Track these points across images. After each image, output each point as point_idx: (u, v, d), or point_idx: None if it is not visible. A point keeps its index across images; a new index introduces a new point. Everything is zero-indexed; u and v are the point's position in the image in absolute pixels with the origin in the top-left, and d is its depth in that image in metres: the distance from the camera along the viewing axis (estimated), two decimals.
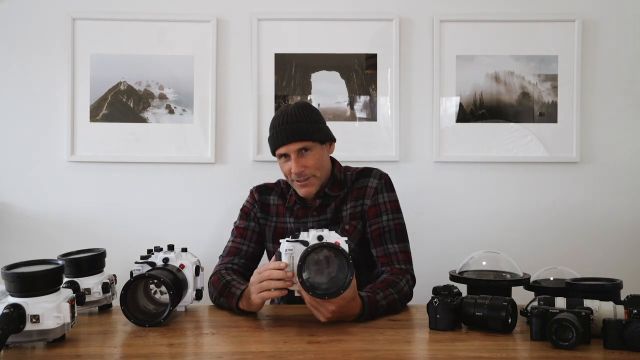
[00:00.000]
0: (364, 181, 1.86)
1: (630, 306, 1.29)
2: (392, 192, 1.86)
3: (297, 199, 1.87)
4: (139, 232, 2.48)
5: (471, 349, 1.30)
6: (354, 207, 1.84)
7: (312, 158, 1.78)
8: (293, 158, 1.76)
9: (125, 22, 2.50)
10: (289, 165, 1.78)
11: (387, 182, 1.86)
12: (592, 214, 2.52)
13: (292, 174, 1.78)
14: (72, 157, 2.49)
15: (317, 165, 1.79)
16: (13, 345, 1.30)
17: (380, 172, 1.88)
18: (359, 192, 1.85)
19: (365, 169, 1.89)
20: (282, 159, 1.81)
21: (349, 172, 1.90)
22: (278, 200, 1.91)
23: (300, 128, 1.76)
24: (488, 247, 1.91)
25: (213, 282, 1.75)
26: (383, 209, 1.82)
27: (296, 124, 1.76)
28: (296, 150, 1.76)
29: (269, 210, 1.91)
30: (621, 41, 2.52)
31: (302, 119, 1.77)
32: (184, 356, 1.29)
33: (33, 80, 2.50)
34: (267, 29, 2.51)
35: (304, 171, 1.76)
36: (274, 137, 1.79)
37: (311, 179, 1.78)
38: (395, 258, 1.77)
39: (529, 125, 2.52)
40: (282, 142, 1.77)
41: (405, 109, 2.53)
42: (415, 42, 2.53)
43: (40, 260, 1.38)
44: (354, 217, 1.83)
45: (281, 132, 1.77)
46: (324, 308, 1.47)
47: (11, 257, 1.45)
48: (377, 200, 1.83)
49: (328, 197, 1.85)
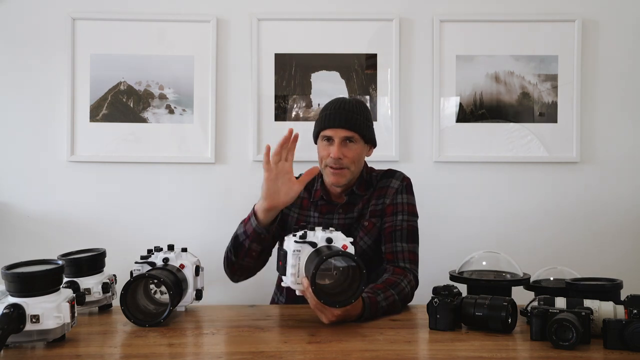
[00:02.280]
0: (386, 181, 1.90)
1: (630, 306, 1.29)
2: (411, 195, 1.90)
3: (323, 194, 1.88)
4: (139, 232, 2.48)
5: (471, 349, 1.30)
6: (375, 205, 1.87)
7: (354, 150, 1.81)
8: (337, 143, 1.79)
9: (125, 22, 2.50)
10: (329, 150, 1.81)
11: (408, 185, 1.91)
12: (592, 213, 2.52)
13: (329, 158, 1.80)
14: (72, 157, 2.49)
15: (355, 159, 1.82)
16: (13, 345, 1.30)
17: (404, 174, 1.93)
18: (381, 192, 1.88)
19: (390, 171, 1.94)
20: (324, 142, 1.83)
21: (374, 173, 1.94)
22: (303, 193, 1.90)
23: (354, 118, 1.81)
24: (488, 247, 1.91)
25: (227, 250, 1.78)
26: (400, 209, 1.85)
27: (352, 113, 1.81)
28: (342, 137, 1.79)
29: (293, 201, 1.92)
30: (621, 41, 2.52)
31: (358, 111, 1.83)
32: (184, 356, 1.29)
33: (33, 80, 2.50)
34: (267, 29, 2.52)
35: (342, 159, 1.79)
36: (326, 117, 1.82)
37: (345, 170, 1.81)
38: (402, 256, 1.79)
39: (529, 125, 2.52)
40: (332, 124, 1.80)
41: (405, 109, 2.53)
42: (415, 42, 2.53)
43: (40, 260, 1.38)
44: (374, 215, 1.86)
45: (335, 115, 1.80)
46: (329, 312, 1.47)
47: (11, 257, 1.45)
48: (395, 199, 1.86)
49: (355, 196, 1.88)
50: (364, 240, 1.85)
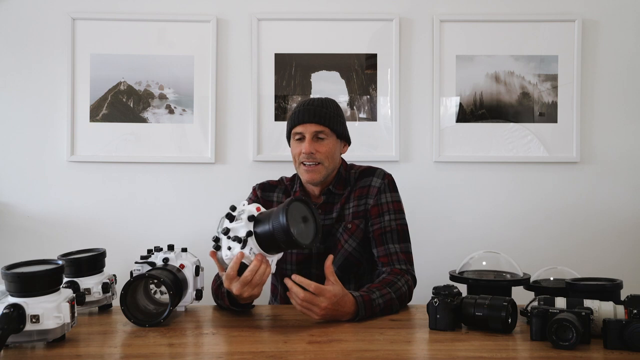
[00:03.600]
0: (367, 180, 1.85)
1: (630, 306, 1.30)
2: (395, 193, 1.85)
3: (302, 195, 1.85)
4: (139, 232, 2.48)
5: (471, 349, 1.30)
6: (357, 206, 1.83)
7: (325, 145, 1.78)
8: (307, 139, 1.77)
9: (125, 22, 2.50)
10: (301, 147, 1.78)
11: (391, 182, 1.86)
12: (592, 213, 2.52)
13: (302, 155, 1.78)
14: (72, 157, 2.49)
15: (328, 154, 1.79)
16: (13, 345, 1.30)
17: (384, 172, 1.88)
18: (362, 191, 1.84)
19: (369, 168, 1.89)
20: (295, 139, 1.81)
21: (352, 170, 1.90)
22: (282, 197, 1.89)
23: (323, 113, 1.78)
24: (488, 247, 1.91)
25: (212, 284, 1.74)
26: (385, 209, 1.82)
27: (320, 108, 1.79)
28: (312, 132, 1.77)
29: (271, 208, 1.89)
30: (621, 41, 2.52)
31: (327, 106, 1.81)
32: (184, 356, 1.29)
33: (33, 80, 2.50)
34: (267, 29, 2.52)
35: (314, 154, 1.76)
36: (295, 115, 1.80)
37: (319, 166, 1.78)
38: (396, 258, 1.76)
39: (529, 125, 2.52)
40: (301, 120, 1.78)
41: (405, 109, 2.53)
42: (415, 42, 2.53)
43: (40, 260, 1.38)
44: (356, 216, 1.82)
45: (303, 111, 1.79)
46: (316, 307, 1.47)
47: (11, 257, 1.45)
48: (379, 200, 1.82)
49: (332, 195, 1.85)
50: (348, 242, 1.81)
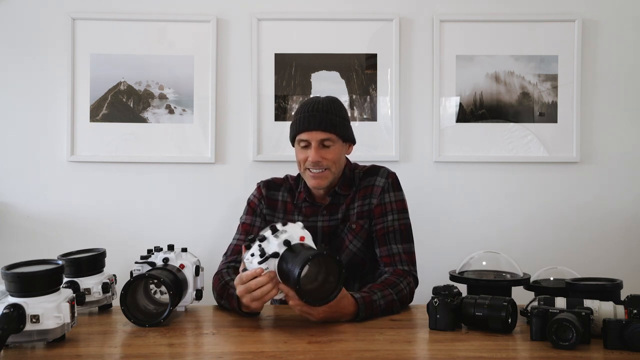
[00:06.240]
0: (371, 180, 1.84)
1: (630, 306, 1.29)
2: (398, 192, 1.84)
3: (306, 196, 1.84)
4: (139, 232, 2.49)
5: (471, 349, 1.30)
6: (362, 206, 1.82)
7: (332, 152, 1.76)
8: (314, 147, 1.74)
9: (125, 22, 2.50)
10: (307, 154, 1.75)
11: (394, 181, 1.84)
12: (592, 214, 2.52)
13: (308, 162, 1.75)
14: (72, 157, 2.49)
15: (335, 160, 1.77)
16: (13, 345, 1.30)
17: (388, 170, 1.86)
18: (366, 191, 1.83)
19: (373, 167, 1.87)
20: (300, 145, 1.78)
21: (356, 170, 1.88)
22: (287, 197, 1.88)
23: (329, 119, 1.74)
24: (488, 247, 1.91)
25: (214, 283, 1.73)
26: (389, 209, 1.80)
27: (326, 114, 1.75)
28: (319, 140, 1.74)
29: (276, 207, 1.88)
30: (621, 41, 2.52)
31: (332, 110, 1.76)
32: (184, 356, 1.29)
33: (33, 80, 2.50)
34: (267, 29, 2.52)
35: (321, 162, 1.74)
36: (300, 121, 1.76)
37: (326, 172, 1.76)
38: (399, 258, 1.76)
39: (529, 125, 2.52)
40: (306, 127, 1.74)
41: (405, 109, 2.53)
42: (415, 42, 2.53)
43: (40, 260, 1.38)
44: (361, 216, 1.82)
45: (309, 118, 1.74)
46: (314, 311, 1.46)
47: (11, 257, 1.45)
48: (383, 199, 1.81)
49: (338, 196, 1.83)
50: (353, 243, 1.81)
